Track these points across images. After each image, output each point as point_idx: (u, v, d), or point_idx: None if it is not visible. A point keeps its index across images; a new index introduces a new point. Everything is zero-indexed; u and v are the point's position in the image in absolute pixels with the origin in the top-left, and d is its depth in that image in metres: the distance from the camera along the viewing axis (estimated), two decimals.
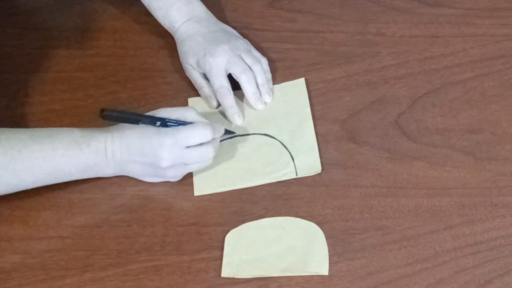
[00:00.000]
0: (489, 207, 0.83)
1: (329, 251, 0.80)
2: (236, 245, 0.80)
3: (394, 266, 0.79)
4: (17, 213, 0.83)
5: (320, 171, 0.85)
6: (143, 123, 0.80)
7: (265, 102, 0.92)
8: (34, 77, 0.95)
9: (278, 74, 0.95)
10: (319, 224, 0.82)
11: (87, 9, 1.02)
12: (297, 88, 0.93)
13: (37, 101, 0.93)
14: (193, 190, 0.85)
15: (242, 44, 0.93)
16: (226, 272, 0.78)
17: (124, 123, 0.81)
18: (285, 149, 0.87)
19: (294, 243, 0.80)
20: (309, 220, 0.82)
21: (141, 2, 1.00)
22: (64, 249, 0.80)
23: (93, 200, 0.84)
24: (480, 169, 0.86)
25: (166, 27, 0.97)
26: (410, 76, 0.95)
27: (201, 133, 0.80)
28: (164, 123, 0.80)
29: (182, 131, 0.80)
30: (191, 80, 0.93)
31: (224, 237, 0.81)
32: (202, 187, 0.85)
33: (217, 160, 0.86)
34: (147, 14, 1.00)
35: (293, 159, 0.86)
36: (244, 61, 0.91)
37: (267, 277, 0.78)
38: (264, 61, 0.93)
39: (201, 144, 0.81)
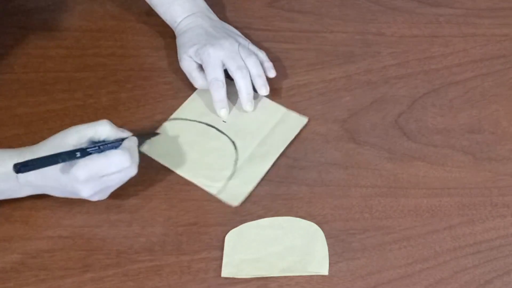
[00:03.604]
0: (489, 207, 0.83)
1: (329, 251, 0.80)
2: (236, 245, 0.80)
3: (394, 266, 0.79)
4: (17, 213, 0.83)
5: (235, 205, 0.83)
6: (63, 160, 0.75)
7: (258, 101, 0.91)
8: (34, 77, 0.95)
9: (278, 74, 0.95)
10: (319, 224, 0.82)
11: (87, 9, 1.02)
12: (294, 124, 0.90)
13: (37, 101, 0.93)
14: (192, 189, 0.85)
15: (242, 41, 0.93)
16: (226, 272, 0.78)
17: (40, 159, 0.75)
18: (232, 167, 0.86)
19: (294, 243, 0.80)
20: (309, 220, 0.82)
21: (141, 2, 1.00)
22: (64, 249, 0.80)
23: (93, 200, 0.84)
24: (480, 169, 0.86)
25: (167, 22, 0.97)
26: (410, 76, 0.95)
27: (117, 163, 0.76)
28: (85, 153, 0.76)
29: (95, 161, 0.75)
30: (186, 72, 0.92)
31: (224, 237, 0.81)
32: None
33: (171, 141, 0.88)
34: (147, 14, 1.01)
35: (230, 179, 0.85)
36: (241, 58, 0.90)
37: (267, 277, 0.78)
38: (262, 53, 0.93)
39: None
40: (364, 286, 0.78)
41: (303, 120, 0.90)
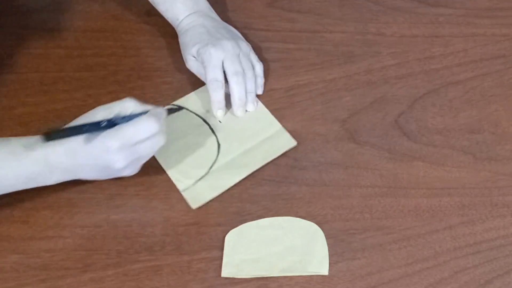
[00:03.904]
0: (489, 207, 0.83)
1: (329, 251, 0.80)
2: (236, 245, 0.80)
3: (394, 266, 0.79)
4: (17, 213, 0.83)
5: (194, 207, 0.83)
6: (89, 130, 0.76)
7: (246, 111, 0.91)
8: (34, 77, 0.95)
9: (278, 74, 0.95)
10: (319, 224, 0.82)
11: (87, 9, 1.02)
12: (282, 144, 0.88)
13: (37, 101, 0.93)
14: None
15: (244, 46, 0.93)
16: (226, 272, 0.78)
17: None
18: (207, 168, 0.86)
19: (294, 243, 0.80)
20: (309, 220, 0.82)
21: (141, 2, 1.00)
22: (64, 249, 0.80)
23: (93, 200, 0.84)
24: (480, 169, 0.86)
25: (169, 19, 0.96)
26: (410, 76, 0.95)
27: (146, 128, 0.77)
28: (111, 123, 0.77)
29: (125, 129, 0.76)
30: (195, 72, 0.93)
31: (224, 237, 0.81)
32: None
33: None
34: (147, 14, 1.01)
35: (200, 179, 0.85)
36: (240, 64, 0.90)
37: (267, 277, 0.78)
38: (259, 66, 0.93)
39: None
40: (364, 286, 0.78)
41: (292, 143, 0.88)
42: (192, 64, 0.92)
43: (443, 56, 0.97)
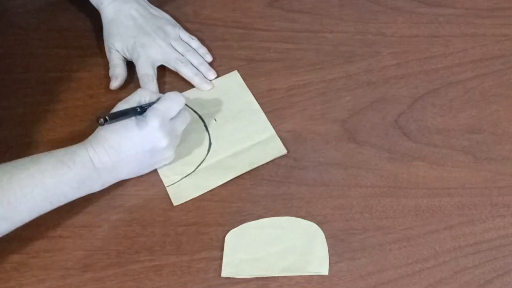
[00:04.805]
0: (489, 207, 0.83)
1: (329, 251, 0.80)
2: (236, 245, 0.80)
3: (394, 266, 0.79)
4: None
5: (174, 204, 0.83)
6: (132, 115, 0.80)
7: (211, 81, 0.93)
8: (34, 77, 0.95)
9: (278, 74, 0.95)
10: (319, 224, 0.82)
11: (87, 9, 1.02)
12: (272, 150, 0.87)
13: (37, 101, 0.93)
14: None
15: (172, 30, 0.95)
16: (226, 272, 0.78)
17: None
18: (195, 166, 0.86)
19: (294, 243, 0.80)
20: (309, 220, 0.82)
21: None
22: (64, 249, 0.80)
23: (93, 200, 0.84)
24: (480, 169, 0.86)
25: (93, 2, 0.97)
26: (410, 76, 0.95)
27: (177, 101, 0.83)
28: (143, 109, 0.81)
29: (161, 107, 0.81)
30: (109, 59, 0.94)
31: (224, 237, 0.81)
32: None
33: None
34: None
35: (186, 176, 0.85)
36: (175, 49, 0.93)
37: (267, 277, 0.78)
38: (194, 41, 0.95)
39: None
40: (364, 286, 0.78)
41: (282, 151, 0.87)
42: (112, 54, 0.93)
43: (443, 56, 0.97)
